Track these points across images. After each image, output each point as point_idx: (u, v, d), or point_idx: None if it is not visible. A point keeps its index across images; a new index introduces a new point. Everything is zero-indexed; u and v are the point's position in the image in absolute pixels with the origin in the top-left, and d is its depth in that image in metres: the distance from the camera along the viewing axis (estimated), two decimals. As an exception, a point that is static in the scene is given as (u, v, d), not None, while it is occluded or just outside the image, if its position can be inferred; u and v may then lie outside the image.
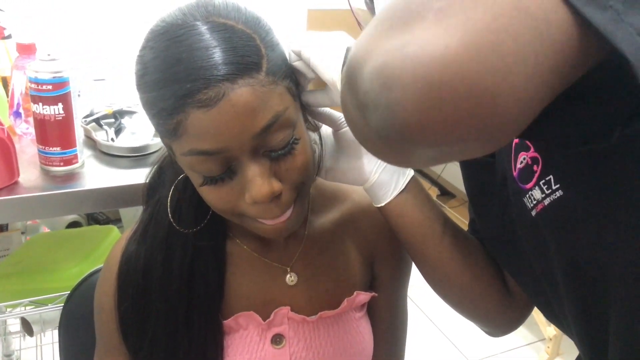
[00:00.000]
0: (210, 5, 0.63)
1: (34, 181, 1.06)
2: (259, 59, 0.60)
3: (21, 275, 1.35)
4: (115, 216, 1.77)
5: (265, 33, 0.63)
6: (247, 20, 0.63)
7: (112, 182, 1.08)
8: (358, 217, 0.86)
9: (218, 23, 0.60)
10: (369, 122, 0.37)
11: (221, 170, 0.63)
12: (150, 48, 0.62)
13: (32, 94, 1.02)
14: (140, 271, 0.78)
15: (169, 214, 0.76)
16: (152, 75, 0.61)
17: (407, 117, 0.34)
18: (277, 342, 0.80)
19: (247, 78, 0.59)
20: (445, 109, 0.33)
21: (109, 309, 0.80)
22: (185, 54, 0.58)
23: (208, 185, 0.65)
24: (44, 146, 1.06)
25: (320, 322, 0.82)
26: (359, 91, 0.37)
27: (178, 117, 0.60)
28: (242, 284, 0.81)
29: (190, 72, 0.58)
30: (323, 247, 0.84)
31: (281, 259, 0.82)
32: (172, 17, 0.63)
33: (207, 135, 0.60)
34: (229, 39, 0.59)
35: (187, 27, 0.60)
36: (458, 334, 2.36)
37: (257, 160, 0.63)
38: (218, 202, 0.66)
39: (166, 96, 0.60)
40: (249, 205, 0.65)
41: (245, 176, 0.63)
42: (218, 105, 0.58)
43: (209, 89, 0.58)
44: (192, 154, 0.62)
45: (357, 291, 0.84)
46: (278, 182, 0.65)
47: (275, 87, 0.62)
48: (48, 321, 1.27)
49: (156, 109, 0.62)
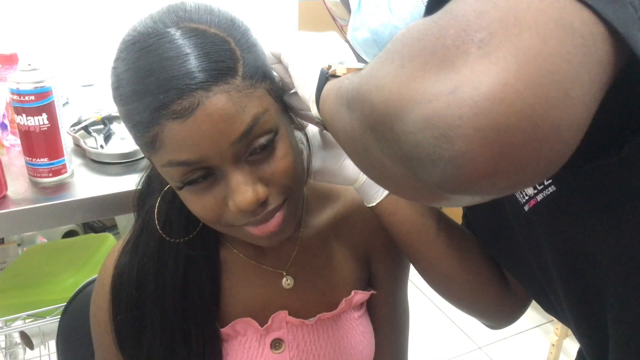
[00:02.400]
0: (181, 10, 0.61)
1: (23, 194, 1.04)
2: (234, 63, 0.59)
3: (18, 289, 1.34)
4: (111, 223, 1.76)
5: (240, 34, 0.61)
6: (220, 23, 0.61)
7: (103, 190, 1.06)
8: (352, 215, 0.84)
9: (189, 28, 0.58)
10: (420, 175, 0.33)
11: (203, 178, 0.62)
12: (123, 59, 0.61)
13: (15, 105, 1.00)
14: (133, 283, 0.77)
15: (157, 226, 0.74)
16: (126, 88, 0.60)
17: (475, 170, 0.30)
18: (277, 347, 0.79)
19: (222, 84, 0.57)
20: (515, 153, 0.30)
21: (105, 322, 0.78)
22: (157, 64, 0.57)
23: (191, 195, 0.63)
24: (31, 158, 1.04)
25: (319, 324, 0.81)
26: (402, 143, 0.33)
27: (154, 130, 0.58)
28: (239, 291, 0.79)
29: (162, 82, 0.56)
30: (318, 248, 0.82)
31: (276, 263, 0.81)
32: (142, 25, 0.61)
33: (184, 146, 0.58)
34: (201, 44, 0.57)
35: (157, 35, 0.58)
36: (465, 319, 2.34)
37: (239, 167, 0.61)
38: (203, 212, 0.65)
39: (140, 109, 0.58)
40: (235, 214, 0.63)
41: (229, 184, 0.62)
42: (193, 115, 0.56)
43: (182, 99, 0.56)
44: (172, 165, 0.60)
45: (355, 290, 0.82)
46: (263, 186, 0.63)
47: (253, 91, 0.60)
48: (48, 333, 1.25)
49: (132, 122, 0.60)
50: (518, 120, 0.29)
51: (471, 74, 0.30)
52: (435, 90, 0.31)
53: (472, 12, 0.32)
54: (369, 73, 0.38)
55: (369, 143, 0.37)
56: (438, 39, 0.33)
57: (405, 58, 0.34)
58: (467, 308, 0.76)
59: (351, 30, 0.72)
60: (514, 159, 0.30)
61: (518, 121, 0.29)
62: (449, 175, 0.31)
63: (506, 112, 0.29)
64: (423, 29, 0.34)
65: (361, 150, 0.41)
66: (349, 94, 0.43)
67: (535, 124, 0.29)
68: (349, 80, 0.45)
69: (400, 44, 0.35)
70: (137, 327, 0.77)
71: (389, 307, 0.89)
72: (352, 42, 0.75)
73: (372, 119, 0.36)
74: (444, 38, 0.32)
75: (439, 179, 0.32)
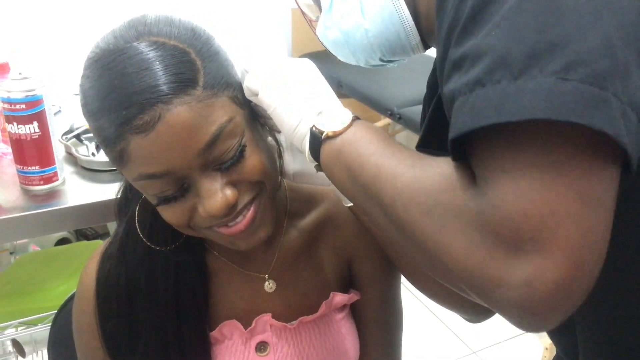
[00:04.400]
0: (140, 25, 0.62)
1: (14, 202, 1.04)
2: (193, 74, 0.59)
3: (11, 297, 1.34)
4: (103, 230, 1.76)
5: (201, 44, 0.62)
6: (181, 34, 0.62)
7: (94, 197, 1.07)
8: (335, 217, 0.84)
9: (149, 42, 0.60)
10: (507, 316, 0.45)
11: (174, 190, 0.63)
12: (87, 77, 0.62)
13: (6, 114, 1.01)
14: (123, 288, 0.77)
15: (142, 236, 0.75)
16: (91, 105, 0.61)
17: (548, 323, 0.44)
18: (262, 350, 0.80)
19: (183, 96, 0.58)
20: (570, 309, 0.43)
21: (91, 327, 0.78)
22: (118, 80, 0.58)
23: (163, 204, 0.65)
24: (22, 166, 1.05)
25: (301, 327, 0.81)
26: (496, 306, 0.44)
27: (120, 145, 0.59)
28: (224, 295, 0.80)
29: (124, 98, 0.58)
30: (300, 251, 0.83)
31: (259, 267, 0.81)
32: (104, 41, 0.62)
33: (150, 160, 0.59)
34: (160, 57, 0.59)
35: (117, 51, 0.60)
36: (460, 324, 2.35)
37: (207, 175, 0.62)
38: (174, 218, 0.66)
39: (106, 125, 0.59)
40: (205, 218, 0.64)
41: (199, 192, 0.63)
42: (155, 129, 0.58)
43: (144, 113, 0.57)
44: (141, 178, 0.62)
45: (333, 292, 0.83)
46: (233, 188, 0.64)
47: (215, 100, 0.61)
48: (40, 341, 1.25)
49: (100, 137, 0.62)
50: (573, 292, 0.42)
51: (534, 269, 0.41)
52: (513, 281, 0.42)
53: (516, 212, 0.41)
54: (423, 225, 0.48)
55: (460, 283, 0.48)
56: (497, 235, 0.42)
57: (471, 242, 0.44)
58: (447, 302, 0.77)
59: (322, 29, 0.73)
60: (569, 310, 0.43)
61: (573, 293, 0.42)
62: (528, 327, 0.45)
63: (564, 294, 0.41)
64: (478, 219, 0.44)
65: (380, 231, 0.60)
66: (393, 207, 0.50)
67: (581, 288, 0.42)
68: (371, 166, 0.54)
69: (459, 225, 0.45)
70: (129, 332, 0.77)
71: (376, 308, 0.89)
72: (322, 39, 0.76)
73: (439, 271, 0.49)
74: (502, 235, 0.42)
75: (518, 323, 0.45)
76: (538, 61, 0.40)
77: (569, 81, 0.39)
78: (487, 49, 0.43)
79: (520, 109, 0.40)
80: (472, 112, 0.43)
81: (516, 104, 0.40)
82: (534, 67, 0.40)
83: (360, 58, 0.74)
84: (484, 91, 0.42)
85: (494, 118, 0.41)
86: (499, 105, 0.41)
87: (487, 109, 0.42)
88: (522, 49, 0.41)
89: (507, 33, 0.42)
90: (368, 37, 0.69)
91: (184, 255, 0.77)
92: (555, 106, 0.39)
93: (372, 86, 3.00)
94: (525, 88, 0.40)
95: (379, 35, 0.69)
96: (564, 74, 0.39)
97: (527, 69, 0.41)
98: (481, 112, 0.42)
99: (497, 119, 0.41)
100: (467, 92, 0.44)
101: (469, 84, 0.44)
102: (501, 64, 0.42)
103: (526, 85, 0.40)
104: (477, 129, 0.42)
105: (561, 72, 0.39)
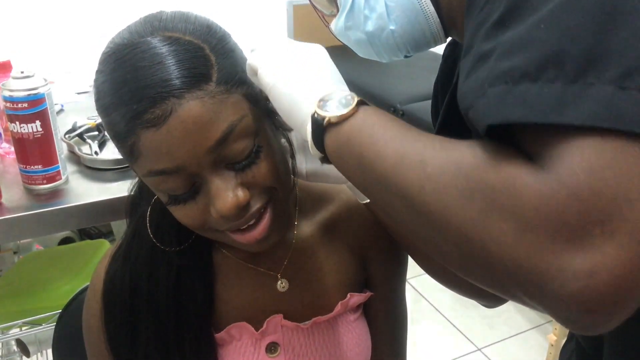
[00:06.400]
0: (156, 20, 0.61)
1: (18, 201, 1.04)
2: (207, 70, 0.59)
3: (14, 297, 1.33)
4: (107, 229, 1.76)
5: (216, 41, 0.61)
6: (196, 30, 0.61)
7: (97, 196, 1.07)
8: (347, 216, 0.84)
9: (163, 37, 0.59)
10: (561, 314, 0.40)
11: (185, 187, 0.62)
12: (101, 72, 0.61)
13: (9, 113, 1.00)
14: (126, 289, 0.76)
15: (150, 234, 0.74)
16: (104, 100, 0.60)
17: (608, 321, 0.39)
18: (272, 351, 0.79)
19: (195, 91, 0.57)
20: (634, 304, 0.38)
21: (97, 329, 0.78)
22: (130, 74, 0.57)
23: (174, 204, 0.64)
24: (25, 165, 1.04)
25: (315, 327, 0.80)
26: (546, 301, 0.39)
27: (131, 140, 0.59)
28: (233, 295, 0.79)
29: (136, 92, 0.57)
30: (313, 250, 0.82)
31: (271, 265, 0.80)
32: (119, 37, 0.62)
33: (160, 155, 0.58)
34: (174, 52, 0.58)
35: (131, 46, 0.59)
36: (464, 321, 2.35)
37: (219, 174, 0.61)
38: (187, 220, 0.65)
39: (118, 120, 0.59)
40: (217, 219, 0.63)
41: (209, 191, 0.62)
42: (167, 123, 0.57)
43: (155, 107, 0.56)
44: (152, 174, 0.61)
45: (351, 293, 0.82)
46: (245, 190, 0.63)
47: (228, 97, 0.60)
48: (44, 341, 1.25)
49: (112, 132, 0.61)
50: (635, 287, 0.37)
51: (602, 257, 0.36)
52: (573, 270, 0.37)
53: (587, 189, 0.37)
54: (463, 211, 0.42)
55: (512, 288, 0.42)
56: (560, 216, 0.37)
57: (525, 224, 0.38)
58: (468, 292, 0.76)
59: (343, 29, 0.72)
60: (632, 307, 0.38)
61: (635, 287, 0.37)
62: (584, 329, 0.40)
63: (631, 287, 0.37)
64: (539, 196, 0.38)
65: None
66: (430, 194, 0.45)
67: None
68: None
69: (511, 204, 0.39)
70: (131, 333, 0.77)
71: (386, 308, 0.89)
72: (341, 38, 0.75)
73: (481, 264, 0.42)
74: (565, 215, 0.37)
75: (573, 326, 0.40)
76: (595, 66, 0.39)
77: (628, 90, 0.38)
78: (534, 41, 0.41)
79: (581, 114, 0.38)
80: (524, 105, 0.40)
81: (577, 110, 0.38)
82: (591, 72, 0.39)
83: (384, 56, 0.73)
84: (537, 87, 0.40)
85: (553, 118, 0.39)
86: (557, 107, 0.39)
87: (543, 107, 0.39)
88: (579, 51, 0.40)
89: (560, 29, 0.40)
90: (394, 38, 0.68)
91: (189, 256, 0.76)
92: (616, 115, 0.38)
93: (375, 82, 3.00)
94: (585, 94, 0.39)
95: (405, 35, 0.68)
96: (622, 81, 0.38)
97: (584, 73, 0.39)
98: (535, 107, 0.40)
99: (558, 119, 0.39)
100: (511, 82, 0.41)
101: (513, 73, 0.41)
102: (554, 62, 0.40)
103: (585, 92, 0.39)
104: (531, 123, 0.40)
105: (619, 80, 0.38)
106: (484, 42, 0.45)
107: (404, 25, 0.67)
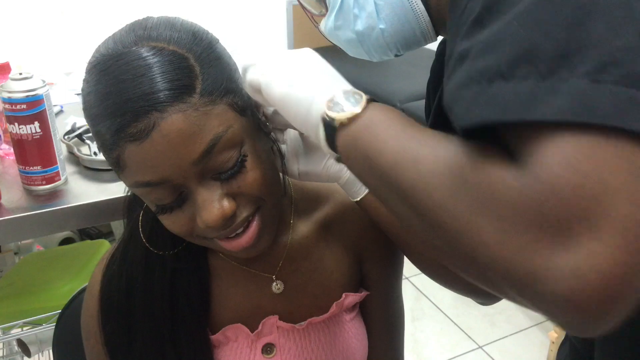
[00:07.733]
0: (140, 29, 0.61)
1: (17, 202, 1.04)
2: (191, 81, 0.58)
3: (15, 297, 1.34)
4: (106, 229, 1.77)
5: (202, 49, 0.61)
6: (181, 39, 0.60)
7: (97, 196, 1.07)
8: (342, 216, 0.84)
9: (147, 48, 0.59)
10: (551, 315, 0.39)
11: (171, 197, 0.62)
12: (87, 82, 0.61)
13: (7, 114, 1.01)
14: (122, 291, 0.77)
15: (143, 238, 0.75)
16: (90, 111, 0.61)
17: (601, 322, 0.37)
18: (268, 352, 0.79)
19: (178, 104, 0.57)
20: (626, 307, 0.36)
21: (95, 330, 0.78)
22: (113, 87, 0.57)
23: (162, 213, 0.64)
24: (24, 166, 1.05)
25: (310, 328, 0.80)
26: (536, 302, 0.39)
27: (116, 152, 0.59)
28: (229, 297, 0.79)
29: (119, 105, 0.57)
30: (308, 251, 0.82)
31: (266, 267, 0.80)
32: (104, 46, 0.61)
33: (145, 168, 0.59)
34: (157, 63, 0.57)
35: (115, 57, 0.59)
36: (466, 319, 2.35)
37: (205, 184, 0.61)
38: (175, 227, 0.65)
39: (103, 131, 0.59)
40: (204, 229, 0.64)
41: (195, 201, 0.62)
42: (150, 137, 0.57)
43: (138, 121, 0.56)
44: (138, 186, 0.61)
45: (346, 293, 0.82)
46: (231, 200, 0.63)
47: (212, 108, 0.59)
48: (45, 341, 1.26)
49: (99, 143, 0.62)
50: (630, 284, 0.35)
51: (588, 256, 0.35)
52: (560, 269, 0.36)
53: (567, 186, 0.36)
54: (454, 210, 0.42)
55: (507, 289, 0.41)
56: (539, 212, 0.36)
57: (507, 224, 0.38)
58: (462, 290, 0.75)
59: (332, 28, 0.72)
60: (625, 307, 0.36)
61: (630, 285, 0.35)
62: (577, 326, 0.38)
63: (621, 285, 0.35)
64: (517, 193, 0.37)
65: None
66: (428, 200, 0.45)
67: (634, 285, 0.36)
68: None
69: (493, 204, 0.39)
70: (127, 335, 0.77)
71: (382, 307, 0.89)
72: (331, 38, 0.75)
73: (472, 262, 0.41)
74: (545, 211, 0.36)
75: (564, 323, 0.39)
76: (569, 61, 0.38)
77: (602, 83, 0.37)
78: (507, 38, 0.41)
79: (554, 110, 0.37)
80: (497, 104, 0.40)
81: (550, 106, 0.38)
82: (564, 67, 0.38)
83: (374, 56, 0.73)
84: (510, 85, 0.39)
85: (525, 115, 0.38)
86: (530, 104, 0.38)
87: (516, 105, 0.39)
88: (551, 46, 0.39)
89: (532, 25, 0.40)
90: (384, 37, 0.68)
91: (184, 259, 0.76)
92: (590, 109, 0.37)
93: (375, 81, 3.00)
94: (558, 89, 0.38)
95: (395, 34, 0.68)
96: (596, 75, 0.37)
97: (557, 68, 0.38)
98: (508, 106, 0.39)
99: (530, 116, 0.38)
100: (485, 82, 0.41)
101: (487, 73, 0.41)
102: (526, 59, 0.39)
103: (558, 87, 0.38)
104: (504, 122, 0.39)
105: (593, 74, 0.37)
106: (463, 41, 0.45)
107: (394, 24, 0.67)
